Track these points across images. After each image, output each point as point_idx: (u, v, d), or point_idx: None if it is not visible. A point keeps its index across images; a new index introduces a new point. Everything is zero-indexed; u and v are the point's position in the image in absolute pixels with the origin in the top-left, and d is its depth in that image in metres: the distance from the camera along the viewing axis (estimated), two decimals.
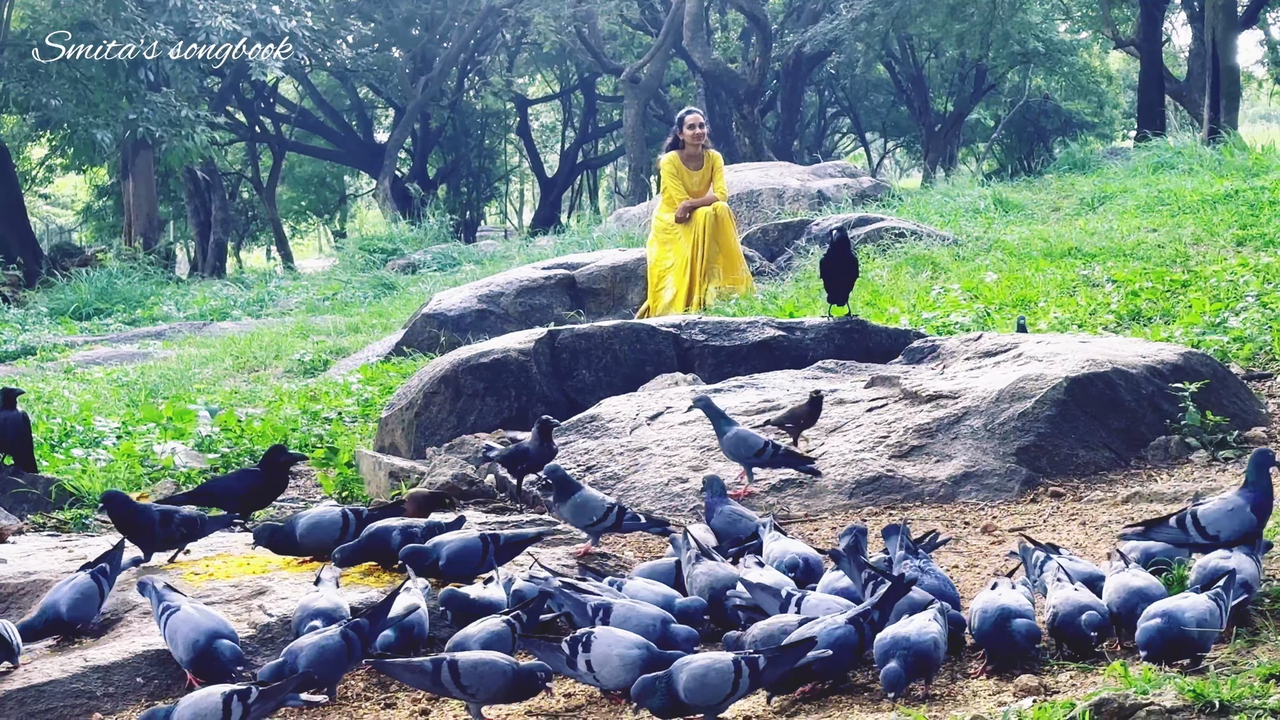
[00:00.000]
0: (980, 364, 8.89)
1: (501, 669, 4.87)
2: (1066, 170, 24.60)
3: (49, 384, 14.25)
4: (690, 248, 13.74)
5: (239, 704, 4.58)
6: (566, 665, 5.05)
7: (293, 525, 6.44)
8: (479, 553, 6.05)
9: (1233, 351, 9.97)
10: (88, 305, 23.50)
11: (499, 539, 6.11)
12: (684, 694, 4.67)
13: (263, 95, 41.09)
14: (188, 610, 5.41)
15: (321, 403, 11.44)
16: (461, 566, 6.05)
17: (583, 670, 5.02)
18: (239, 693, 4.61)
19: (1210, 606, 4.79)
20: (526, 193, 57.74)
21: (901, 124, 44.82)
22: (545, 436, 7.72)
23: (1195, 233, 14.84)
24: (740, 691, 4.71)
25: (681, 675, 4.68)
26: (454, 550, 6.04)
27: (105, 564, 5.95)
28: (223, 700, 4.58)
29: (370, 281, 23.44)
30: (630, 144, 35.17)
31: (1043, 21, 33.51)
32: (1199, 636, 4.67)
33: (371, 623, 5.30)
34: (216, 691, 4.65)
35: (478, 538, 6.09)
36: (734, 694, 4.70)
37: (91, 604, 5.84)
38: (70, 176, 44.49)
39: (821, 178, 23.18)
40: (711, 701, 4.68)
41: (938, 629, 4.90)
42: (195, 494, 7.76)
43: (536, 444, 7.74)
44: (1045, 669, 4.95)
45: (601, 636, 5.03)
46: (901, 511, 7.40)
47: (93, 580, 5.85)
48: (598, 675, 5.01)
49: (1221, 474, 7.52)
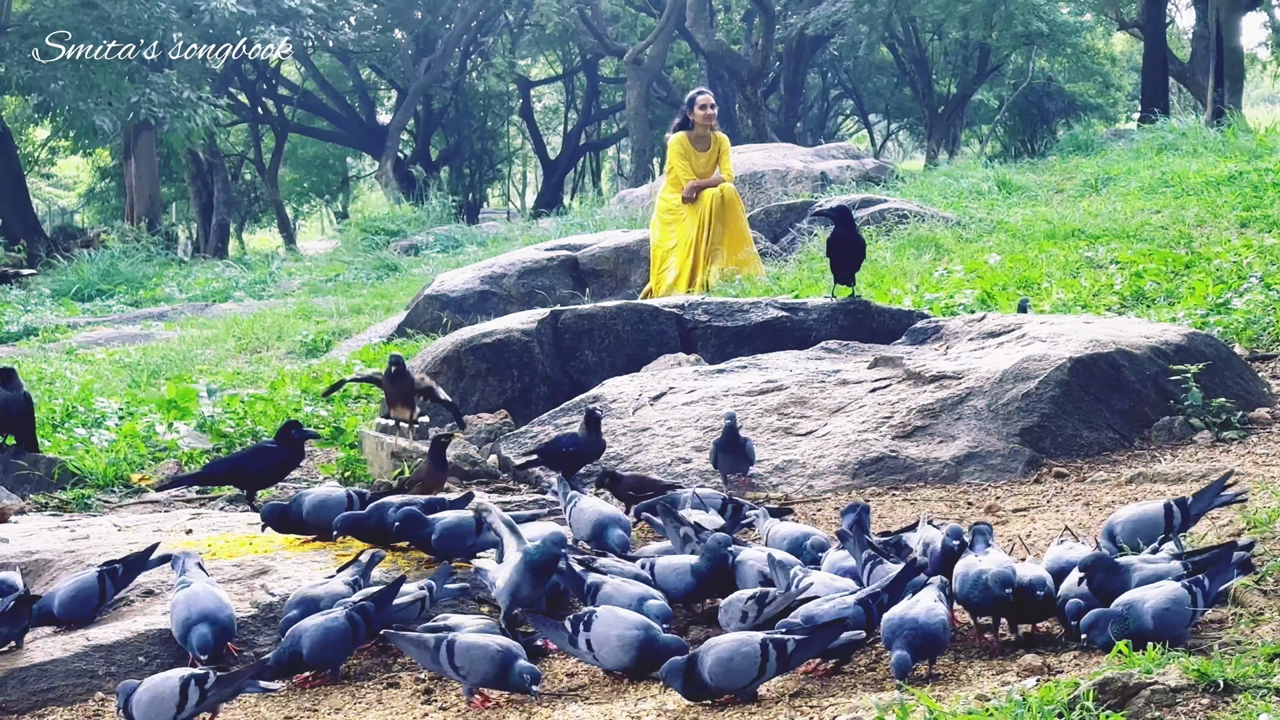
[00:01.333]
0: (984, 344, 8.87)
1: (489, 654, 4.87)
2: (1070, 152, 24.54)
3: (51, 365, 14.25)
4: (695, 229, 13.71)
5: (196, 688, 4.64)
6: (569, 643, 5.06)
7: (299, 504, 6.43)
8: (471, 532, 6.02)
9: (1236, 332, 9.95)
10: (90, 286, 23.48)
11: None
12: (709, 677, 4.66)
13: (265, 77, 41.05)
14: (194, 589, 5.42)
15: (324, 383, 11.44)
16: (452, 542, 6.02)
17: (583, 650, 5.02)
18: (197, 677, 4.67)
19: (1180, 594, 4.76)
20: (529, 175, 57.69)
21: (905, 106, 44.72)
22: (594, 428, 7.66)
23: (1199, 214, 14.81)
24: (768, 674, 4.69)
25: (707, 658, 4.68)
26: (447, 525, 6.03)
27: (120, 565, 5.91)
28: (180, 684, 4.65)
29: (373, 263, 23.42)
30: (633, 126, 35.13)
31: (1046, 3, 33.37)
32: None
33: (378, 606, 5.30)
34: (175, 675, 4.72)
35: (472, 516, 6.06)
36: (761, 676, 4.68)
37: (87, 604, 5.77)
38: (73, 158, 44.47)
39: (824, 159, 23.14)
40: (739, 685, 4.67)
41: (944, 610, 4.89)
42: (210, 470, 7.78)
43: (584, 434, 7.68)
44: (1048, 650, 4.94)
45: (602, 616, 5.03)
46: (905, 492, 7.40)
47: (97, 580, 5.82)
48: (597, 655, 5.01)
49: (1225, 455, 7.51)
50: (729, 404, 8.43)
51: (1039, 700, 4.13)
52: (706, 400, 8.56)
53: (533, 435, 8.57)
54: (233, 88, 39.27)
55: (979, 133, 43.90)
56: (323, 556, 6.28)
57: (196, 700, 4.64)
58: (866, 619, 4.97)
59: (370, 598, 5.35)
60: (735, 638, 4.78)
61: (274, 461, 7.50)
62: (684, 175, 13.92)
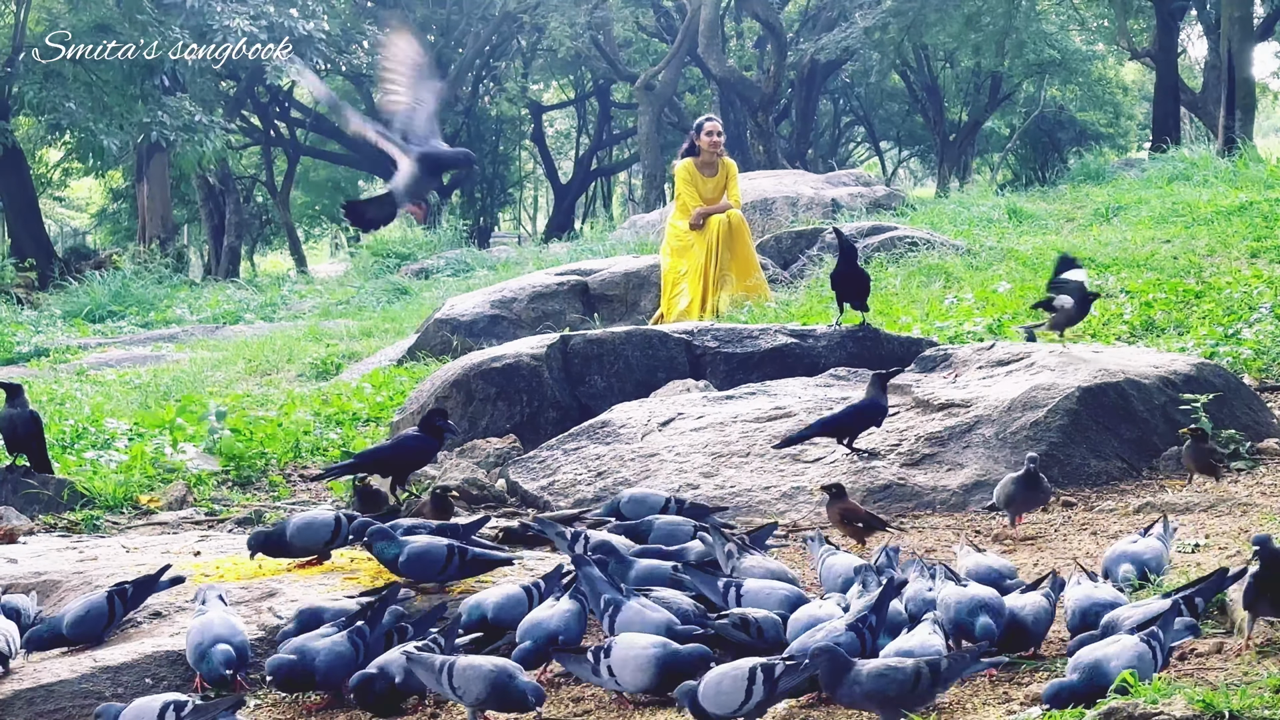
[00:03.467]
0: (992, 373, 8.87)
1: (483, 674, 4.88)
2: (1081, 181, 24.54)
3: (62, 385, 14.28)
4: (704, 255, 13.72)
5: (174, 714, 4.76)
6: (592, 674, 5.09)
7: (283, 528, 6.43)
8: (440, 562, 5.97)
9: (1246, 363, 9.94)
10: (101, 308, 23.54)
11: (466, 552, 6.01)
12: (702, 700, 4.69)
13: (277, 100, 41.17)
14: (210, 616, 5.48)
15: (334, 406, 11.46)
16: (420, 569, 5.99)
17: (605, 677, 5.04)
18: (176, 704, 4.79)
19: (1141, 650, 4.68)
20: (540, 199, 57.81)
21: (916, 133, 44.81)
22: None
23: (1209, 244, 14.80)
24: (754, 698, 4.67)
25: (700, 683, 4.71)
26: (415, 551, 5.98)
27: (130, 586, 5.92)
28: (159, 709, 4.78)
29: (383, 286, 23.45)
30: (644, 151, 35.19)
31: (1058, 31, 33.48)
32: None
33: (371, 627, 5.33)
34: (158, 700, 4.84)
35: (445, 546, 5.99)
36: (748, 700, 4.67)
37: (96, 624, 5.80)
38: (86, 180, 44.59)
39: (835, 186, 23.14)
40: (729, 708, 4.67)
41: (940, 641, 4.90)
42: (359, 460, 7.93)
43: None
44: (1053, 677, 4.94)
45: (620, 641, 5.05)
46: (912, 519, 7.39)
47: (106, 601, 5.84)
48: (619, 680, 5.02)
49: (1233, 485, 7.51)
50: (737, 430, 8.43)
51: None
52: (715, 426, 8.57)
53: (541, 460, 8.58)
54: (245, 110, 39.38)
55: (990, 161, 43.96)
56: (330, 579, 6.29)
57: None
58: (860, 645, 4.95)
59: (359, 617, 5.37)
60: (731, 663, 4.79)
61: (417, 449, 7.69)
62: (691, 202, 13.92)
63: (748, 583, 5.67)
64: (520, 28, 39.56)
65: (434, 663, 4.97)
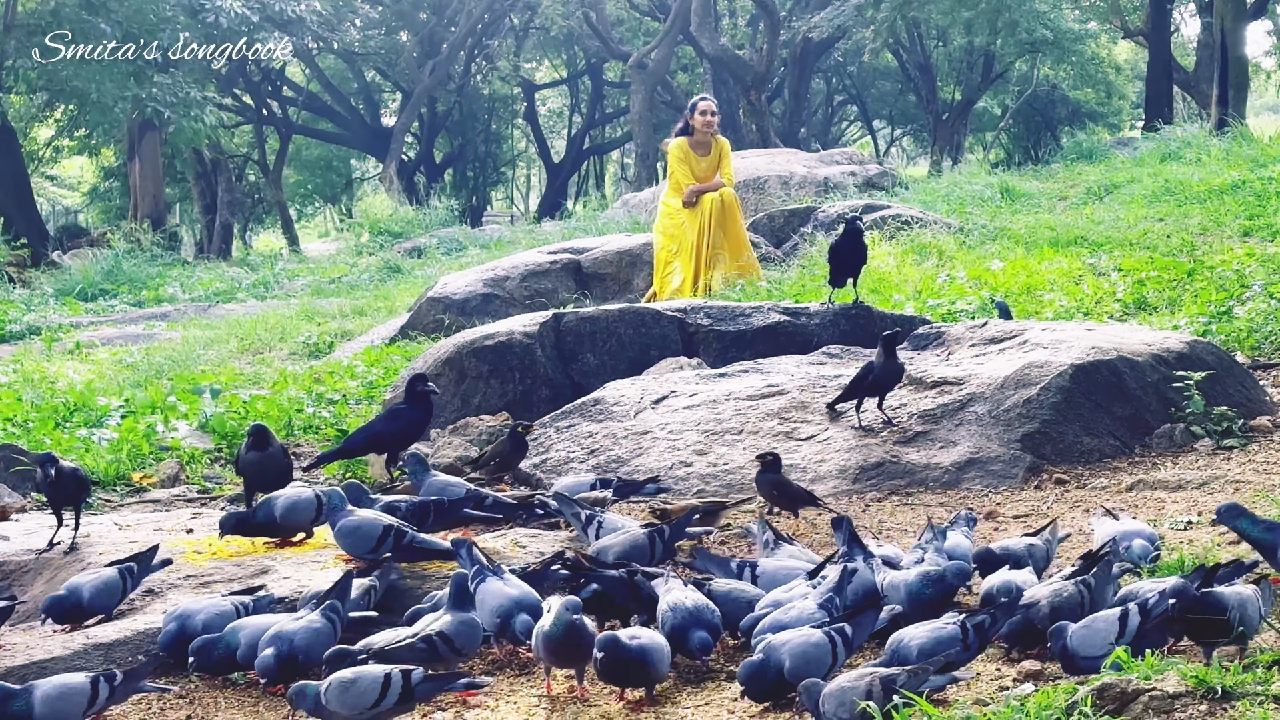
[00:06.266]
0: (985, 351, 8.88)
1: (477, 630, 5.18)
2: (1074, 159, 24.55)
3: (54, 364, 14.25)
4: (696, 233, 13.71)
5: (105, 685, 4.93)
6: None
7: (269, 508, 6.40)
8: (374, 539, 5.92)
9: (1238, 340, 9.95)
10: (93, 286, 23.48)
11: (404, 535, 5.97)
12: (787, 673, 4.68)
13: (270, 78, 41.09)
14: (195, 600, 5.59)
15: (326, 384, 11.44)
16: (353, 544, 5.95)
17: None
18: (106, 675, 4.96)
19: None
20: (533, 178, 57.75)
21: (909, 112, 44.80)
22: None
23: (1202, 222, 14.81)
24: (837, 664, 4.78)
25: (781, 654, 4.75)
26: (350, 526, 5.95)
27: (134, 563, 5.94)
28: (90, 681, 4.92)
29: (376, 265, 23.42)
30: (637, 130, 35.15)
31: (1051, 10, 33.40)
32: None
33: (342, 603, 5.35)
34: (84, 674, 5.00)
35: (382, 526, 5.95)
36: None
37: (113, 597, 5.85)
38: (77, 158, 44.51)
39: (828, 165, 23.11)
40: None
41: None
42: (350, 443, 7.94)
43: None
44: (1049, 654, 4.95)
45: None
46: (905, 497, 7.40)
47: (119, 576, 5.87)
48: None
49: (1226, 462, 7.52)
50: (730, 408, 8.43)
51: (1037, 705, 4.13)
52: (708, 404, 8.56)
53: (533, 438, 8.58)
54: (237, 89, 39.29)
55: (983, 139, 43.96)
56: (323, 556, 6.29)
57: (107, 696, 4.92)
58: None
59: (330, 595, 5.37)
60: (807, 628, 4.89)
61: (408, 421, 7.69)
62: (685, 180, 13.92)
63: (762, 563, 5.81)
64: (513, 6, 39.51)
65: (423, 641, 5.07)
